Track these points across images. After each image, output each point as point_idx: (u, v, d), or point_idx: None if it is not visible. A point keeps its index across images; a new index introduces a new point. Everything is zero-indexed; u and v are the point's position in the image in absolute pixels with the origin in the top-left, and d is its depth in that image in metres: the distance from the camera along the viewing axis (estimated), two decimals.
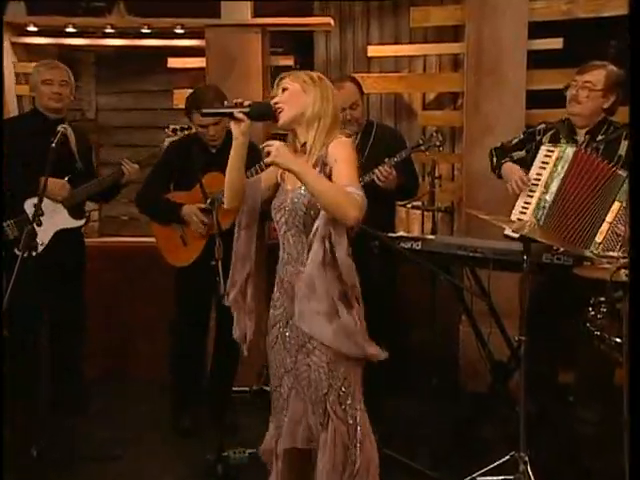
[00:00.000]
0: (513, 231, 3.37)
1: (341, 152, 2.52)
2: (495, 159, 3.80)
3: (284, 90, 2.61)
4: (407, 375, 4.46)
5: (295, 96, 2.59)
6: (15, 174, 3.77)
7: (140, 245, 4.93)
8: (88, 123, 5.83)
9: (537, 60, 4.64)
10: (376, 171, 3.95)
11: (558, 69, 4.54)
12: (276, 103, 2.58)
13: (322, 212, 2.47)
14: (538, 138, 3.70)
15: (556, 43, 4.62)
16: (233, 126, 2.58)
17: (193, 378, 4.17)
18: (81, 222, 4.07)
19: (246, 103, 2.58)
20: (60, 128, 3.69)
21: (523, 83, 4.58)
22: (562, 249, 3.25)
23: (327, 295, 2.45)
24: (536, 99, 4.63)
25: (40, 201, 3.38)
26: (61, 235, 3.94)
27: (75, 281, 4.08)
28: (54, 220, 3.91)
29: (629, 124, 2.75)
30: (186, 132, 4.13)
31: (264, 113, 2.61)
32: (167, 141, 4.13)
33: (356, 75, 4.54)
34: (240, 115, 2.55)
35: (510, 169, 3.64)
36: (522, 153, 3.73)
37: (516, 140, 3.79)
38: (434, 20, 4.96)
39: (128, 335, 5.01)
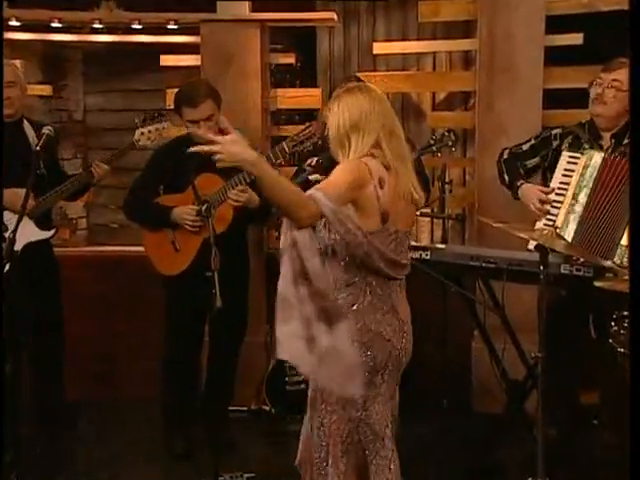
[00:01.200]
0: (533, 241, 3.35)
1: (336, 169, 2.50)
2: (507, 176, 3.76)
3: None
4: (415, 394, 4.40)
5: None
6: None
7: (131, 254, 4.90)
8: (75, 125, 5.82)
9: (555, 57, 4.62)
10: None
11: (577, 66, 4.52)
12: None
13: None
14: (555, 144, 3.69)
15: (575, 38, 4.61)
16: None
17: (186, 396, 4.15)
18: (49, 233, 4.03)
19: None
20: (45, 130, 3.61)
21: (539, 81, 4.56)
22: (582, 260, 3.23)
23: (301, 315, 2.37)
24: (553, 99, 4.60)
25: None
26: (29, 249, 3.86)
27: (50, 298, 4.06)
28: (20, 234, 3.76)
29: (629, 124, 2.74)
30: (158, 124, 4.05)
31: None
32: (137, 133, 4.05)
33: (361, 74, 4.53)
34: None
35: (528, 191, 3.61)
36: (536, 160, 3.72)
37: (527, 146, 3.77)
38: (444, 15, 4.95)
39: (118, 350, 4.99)
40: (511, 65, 4.59)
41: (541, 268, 3.06)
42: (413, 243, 3.72)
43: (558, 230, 3.43)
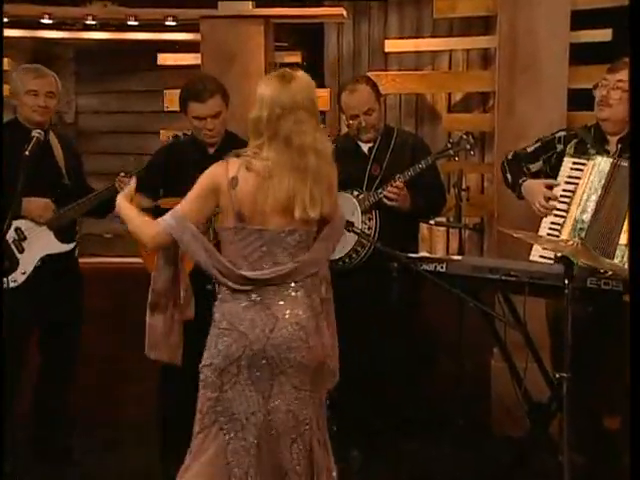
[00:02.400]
0: (542, 256, 3.34)
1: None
2: (510, 175, 3.78)
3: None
4: (430, 415, 4.43)
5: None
6: None
7: (127, 266, 4.89)
8: (66, 127, 5.84)
9: (580, 55, 4.61)
10: (384, 191, 3.97)
11: (605, 65, 4.50)
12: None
13: None
14: (559, 147, 3.70)
15: (604, 35, 4.61)
16: None
17: (184, 420, 4.12)
18: (70, 246, 4.07)
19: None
20: (35, 133, 3.72)
21: (564, 81, 4.56)
22: (610, 272, 3.21)
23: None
24: (579, 99, 4.59)
25: (9, 223, 3.39)
26: (48, 261, 3.94)
27: (70, 315, 4.09)
28: (39, 245, 3.91)
29: (629, 125, 2.73)
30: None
31: None
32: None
33: (372, 74, 4.54)
34: None
35: (531, 187, 3.64)
36: (539, 164, 3.72)
37: (532, 148, 3.79)
38: (461, 10, 4.96)
39: (113, 371, 4.99)
40: (533, 63, 4.57)
41: (566, 282, 3.04)
42: (427, 254, 3.72)
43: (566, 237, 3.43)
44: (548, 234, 3.52)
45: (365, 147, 4.20)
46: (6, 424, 3.33)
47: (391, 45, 5.45)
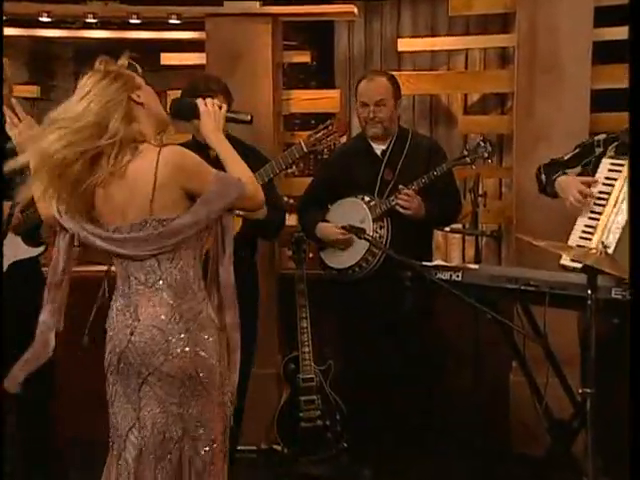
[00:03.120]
0: (573, 260, 3.31)
1: None
2: (544, 176, 3.77)
3: None
4: (445, 432, 4.43)
5: None
6: None
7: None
8: None
9: (604, 53, 4.59)
10: (396, 199, 3.98)
11: None
12: None
13: None
14: (598, 151, 3.68)
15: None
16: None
17: None
18: (39, 249, 4.02)
19: None
20: None
21: (587, 81, 4.54)
22: None
23: None
24: (603, 100, 4.57)
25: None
26: (17, 267, 3.88)
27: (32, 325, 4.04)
28: (8, 251, 3.81)
29: (629, 125, 2.76)
30: None
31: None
32: None
33: None
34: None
35: (566, 182, 3.64)
36: (577, 169, 3.70)
37: (569, 155, 3.77)
38: (477, 7, 4.95)
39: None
40: (554, 63, 4.57)
41: (589, 292, 3.02)
42: (442, 263, 3.71)
43: (595, 243, 3.40)
44: (581, 237, 3.49)
45: (378, 150, 4.20)
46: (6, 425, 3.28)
47: (404, 44, 5.44)
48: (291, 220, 4.87)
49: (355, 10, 5.18)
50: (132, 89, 2.70)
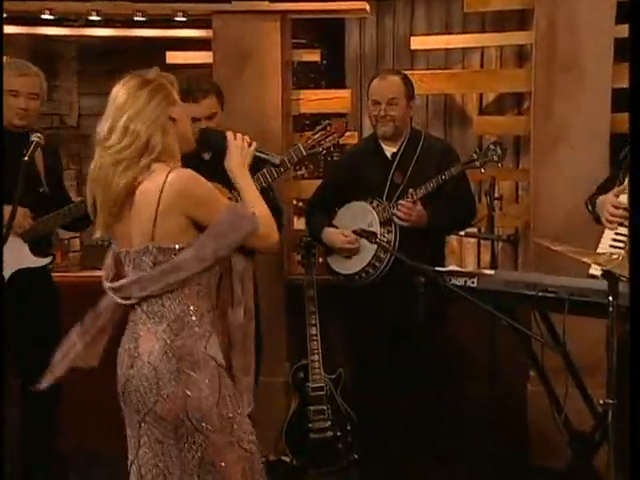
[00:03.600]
0: (595, 265, 3.28)
1: None
2: (591, 206, 3.71)
3: None
4: (460, 444, 4.42)
5: None
6: None
7: None
8: (68, 131, 5.85)
9: (626, 51, 4.56)
10: (395, 209, 3.97)
11: None
12: None
13: None
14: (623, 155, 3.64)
15: None
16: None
17: None
18: (46, 260, 4.06)
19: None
20: (34, 138, 3.76)
21: (608, 80, 4.53)
22: None
23: None
24: (625, 100, 4.54)
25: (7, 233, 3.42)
26: (22, 276, 3.91)
27: (46, 333, 4.02)
28: (11, 258, 3.79)
29: (629, 125, 2.77)
30: None
31: None
32: None
33: None
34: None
35: (602, 201, 3.56)
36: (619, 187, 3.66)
37: (607, 177, 3.73)
38: (494, 3, 4.95)
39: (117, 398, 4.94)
40: (574, 61, 4.55)
41: (610, 299, 2.99)
42: (457, 268, 3.69)
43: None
44: (612, 245, 3.45)
45: (389, 152, 4.19)
46: (6, 425, 3.35)
47: (418, 42, 5.44)
48: (300, 224, 4.86)
49: (367, 7, 5.17)
50: (170, 104, 2.65)
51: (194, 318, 2.60)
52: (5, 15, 5.16)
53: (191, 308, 2.60)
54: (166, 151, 2.61)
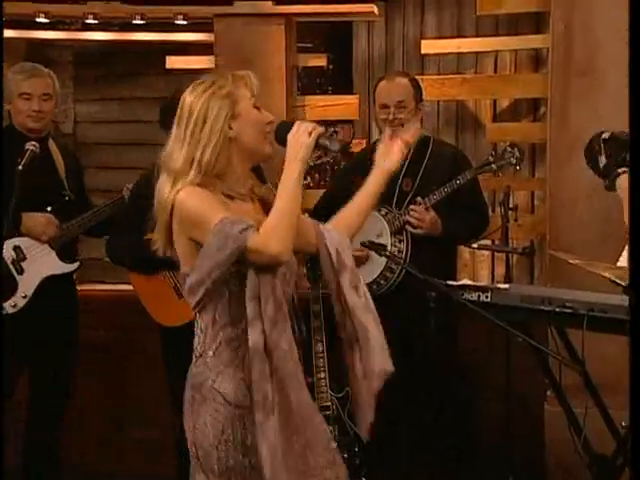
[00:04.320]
0: (613, 280, 3.27)
1: None
2: (604, 157, 3.67)
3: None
4: (474, 467, 4.42)
5: None
6: None
7: (132, 295, 4.87)
8: (64, 138, 5.85)
9: None
10: (406, 216, 3.96)
11: None
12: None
13: None
14: None
15: None
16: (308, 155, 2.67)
17: None
18: (74, 266, 4.14)
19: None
20: (29, 146, 3.84)
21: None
22: None
23: None
24: None
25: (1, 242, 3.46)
26: (49, 284, 3.99)
27: (66, 343, 4.15)
28: (40, 265, 3.96)
29: (629, 126, 2.75)
30: None
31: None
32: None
33: None
34: None
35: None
36: None
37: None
38: (508, 5, 4.98)
39: (118, 416, 4.98)
40: (592, 65, 4.55)
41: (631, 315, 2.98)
42: (469, 282, 3.68)
43: None
44: None
45: None
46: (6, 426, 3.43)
47: (428, 46, 5.45)
48: None
49: (375, 10, 5.18)
50: (231, 117, 2.57)
51: (210, 347, 2.54)
52: None
53: (207, 337, 2.54)
54: (214, 168, 2.53)
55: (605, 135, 3.71)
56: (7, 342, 3.39)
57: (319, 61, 5.40)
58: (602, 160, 3.68)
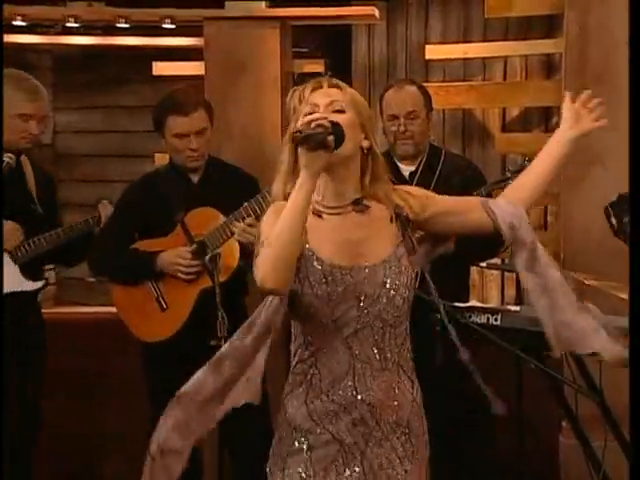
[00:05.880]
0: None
1: None
2: (614, 219, 3.70)
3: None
4: None
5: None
6: None
7: (113, 317, 4.88)
8: (42, 150, 5.85)
9: None
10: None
11: None
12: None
13: None
14: None
15: None
16: (307, 160, 2.34)
17: None
18: (37, 285, 4.09)
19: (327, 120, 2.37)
20: (5, 158, 3.83)
21: None
22: None
23: None
24: None
25: None
26: (11, 302, 3.93)
27: (28, 369, 4.10)
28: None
29: (629, 125, 2.80)
30: None
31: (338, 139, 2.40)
32: None
33: None
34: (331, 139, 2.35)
35: None
36: None
37: None
38: (519, 8, 4.98)
39: (97, 445, 4.97)
40: (608, 72, 4.54)
41: None
42: (478, 304, 3.67)
43: None
44: None
45: (406, 171, 4.18)
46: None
47: (433, 51, 5.48)
48: None
49: (376, 12, 5.18)
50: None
51: (292, 365, 2.62)
52: None
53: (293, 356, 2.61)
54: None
55: (613, 198, 3.75)
56: None
57: (316, 67, 5.41)
58: (613, 221, 3.70)
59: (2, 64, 3.89)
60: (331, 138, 2.33)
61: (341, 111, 2.44)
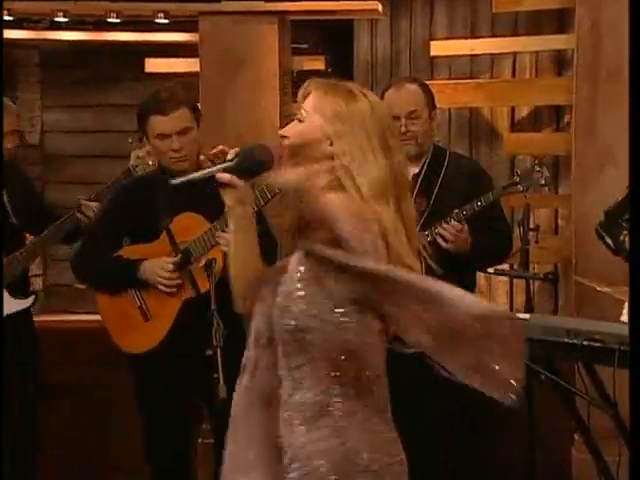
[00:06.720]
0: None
1: None
2: (610, 239, 3.72)
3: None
4: None
5: None
6: None
7: (101, 325, 4.88)
8: (29, 150, 5.86)
9: None
10: (439, 228, 3.92)
11: None
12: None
13: None
14: None
15: None
16: (223, 192, 2.49)
17: None
18: (28, 302, 4.15)
19: (231, 153, 2.51)
20: None
21: None
22: None
23: None
24: None
25: None
26: (5, 324, 3.98)
27: (24, 387, 4.19)
28: None
29: (629, 127, 2.74)
30: None
31: (259, 163, 2.54)
32: (133, 157, 4.25)
33: None
34: (226, 177, 2.47)
35: None
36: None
37: (624, 194, 3.73)
38: (528, 2, 5.01)
39: (87, 456, 4.96)
40: (622, 69, 4.51)
41: None
42: None
43: None
44: None
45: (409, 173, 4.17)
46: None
47: (439, 47, 5.49)
48: None
49: (379, 7, 5.19)
50: None
51: None
52: None
53: None
54: None
55: (601, 218, 3.77)
56: None
57: (316, 64, 5.42)
58: (609, 242, 3.71)
59: (2, 64, 3.93)
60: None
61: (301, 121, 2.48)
